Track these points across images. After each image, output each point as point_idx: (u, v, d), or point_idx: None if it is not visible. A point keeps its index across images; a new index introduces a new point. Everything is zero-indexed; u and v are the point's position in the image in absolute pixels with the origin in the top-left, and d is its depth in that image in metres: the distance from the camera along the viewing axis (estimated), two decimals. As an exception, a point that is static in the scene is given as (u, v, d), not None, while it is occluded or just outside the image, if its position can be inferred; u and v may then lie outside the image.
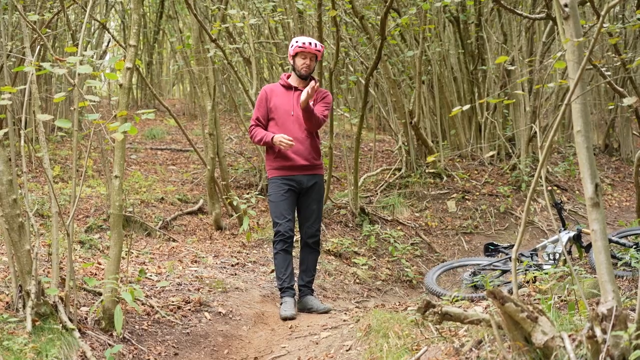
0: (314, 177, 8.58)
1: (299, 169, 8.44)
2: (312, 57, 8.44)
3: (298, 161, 8.41)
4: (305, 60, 8.40)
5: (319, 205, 8.73)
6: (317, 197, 8.66)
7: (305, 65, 8.41)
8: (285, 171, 8.44)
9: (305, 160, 8.43)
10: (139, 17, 7.70)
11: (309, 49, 8.33)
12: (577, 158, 13.60)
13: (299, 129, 8.41)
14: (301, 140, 8.41)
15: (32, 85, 7.06)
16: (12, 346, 5.81)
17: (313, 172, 8.56)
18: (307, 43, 8.35)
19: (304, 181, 8.48)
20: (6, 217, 6.28)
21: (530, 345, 4.67)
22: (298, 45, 8.36)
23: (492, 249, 9.84)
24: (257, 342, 7.93)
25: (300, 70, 8.44)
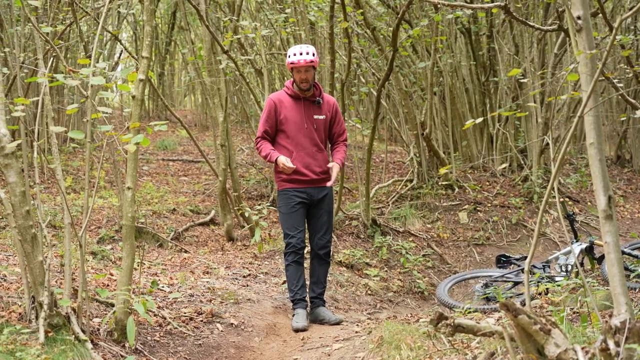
0: (324, 189, 8.46)
1: (309, 182, 8.33)
2: (307, 69, 8.20)
3: (308, 175, 8.30)
4: (300, 74, 8.21)
5: (330, 216, 8.62)
6: (328, 208, 8.56)
7: (302, 79, 8.23)
8: (296, 184, 8.32)
9: (315, 174, 8.33)
10: (151, 28, 7.71)
11: (300, 64, 8.12)
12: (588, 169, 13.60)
13: (310, 142, 8.31)
14: (312, 153, 8.32)
15: (45, 96, 7.07)
16: (25, 357, 5.82)
17: (323, 184, 8.43)
18: (297, 58, 8.13)
19: (314, 194, 8.37)
20: (19, 229, 6.29)
21: (543, 357, 4.67)
22: (289, 62, 8.22)
23: (504, 260, 9.81)
24: (269, 353, 7.93)
25: (300, 85, 8.28)
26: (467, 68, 16.46)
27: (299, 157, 8.25)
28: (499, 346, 5.22)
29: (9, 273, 8.36)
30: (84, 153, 16.81)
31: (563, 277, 8.67)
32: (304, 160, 8.25)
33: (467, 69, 16.48)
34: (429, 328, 6.32)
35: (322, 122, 8.43)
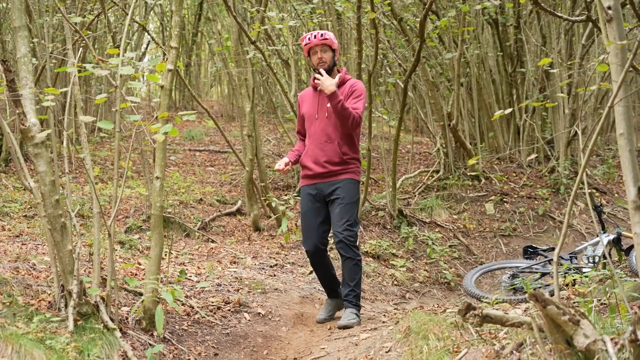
0: (335, 183, 7.91)
1: (317, 177, 7.96)
2: (322, 49, 7.89)
3: (315, 169, 7.94)
4: (316, 55, 7.90)
5: (343, 209, 7.89)
6: (341, 201, 7.89)
7: (318, 59, 7.89)
8: (307, 180, 8.09)
9: (321, 167, 7.91)
10: (180, 19, 7.73)
11: (314, 42, 7.84)
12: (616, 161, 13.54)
13: (321, 132, 7.92)
14: (321, 145, 7.93)
15: (74, 86, 7.10)
16: (54, 345, 5.86)
17: (333, 178, 7.92)
18: (311, 37, 7.89)
19: (324, 189, 7.96)
20: (49, 218, 6.33)
21: (572, 348, 4.66)
22: (304, 44, 7.98)
23: (531, 251, 9.80)
24: (296, 343, 7.94)
25: (318, 67, 7.87)
26: (494, 59, 16.40)
27: (309, 151, 8.00)
28: (527, 337, 5.21)
29: (39, 262, 8.41)
30: (112, 143, 16.87)
31: (591, 268, 8.64)
32: (313, 154, 7.96)
33: (494, 59, 16.42)
34: (457, 318, 6.32)
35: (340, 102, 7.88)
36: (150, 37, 13.93)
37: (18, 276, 7.70)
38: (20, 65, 6.43)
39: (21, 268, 8.08)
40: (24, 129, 6.25)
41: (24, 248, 9.13)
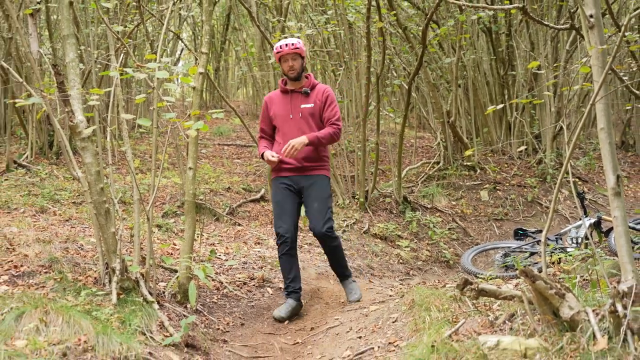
0: (311, 177, 7.62)
1: (294, 170, 7.59)
2: (293, 57, 7.56)
3: (292, 163, 7.55)
4: (287, 63, 7.56)
5: (321, 203, 7.59)
6: (317, 195, 7.59)
7: (289, 67, 7.57)
8: (282, 172, 7.62)
9: (299, 162, 7.55)
10: (210, 27, 7.72)
11: (285, 51, 7.50)
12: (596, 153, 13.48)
13: (296, 131, 7.53)
14: None
15: (116, 88, 7.11)
16: (100, 316, 5.87)
17: (309, 172, 7.62)
18: (283, 45, 7.54)
19: (300, 181, 7.60)
20: (95, 204, 6.34)
21: (558, 318, 4.64)
22: (275, 52, 7.61)
23: (521, 233, 9.80)
24: (313, 314, 7.93)
25: (288, 74, 7.62)
26: (488, 63, 16.35)
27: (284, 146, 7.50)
28: (518, 308, 5.20)
29: (85, 243, 8.43)
30: (151, 138, 16.89)
31: (574, 248, 8.62)
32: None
33: (487, 64, 16.38)
34: (456, 292, 6.30)
35: (309, 110, 7.64)
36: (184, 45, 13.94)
37: (68, 255, 7.72)
38: (69, 69, 6.43)
39: (70, 248, 8.09)
40: (72, 126, 6.25)
41: (72, 231, 9.15)
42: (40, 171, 13.29)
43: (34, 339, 5.27)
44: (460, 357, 4.68)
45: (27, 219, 9.68)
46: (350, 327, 6.95)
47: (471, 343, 4.88)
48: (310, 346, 6.98)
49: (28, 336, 5.30)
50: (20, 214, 10.08)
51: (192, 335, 6.57)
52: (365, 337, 6.53)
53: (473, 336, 5.09)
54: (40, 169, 13.47)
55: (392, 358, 5.61)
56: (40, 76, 6.86)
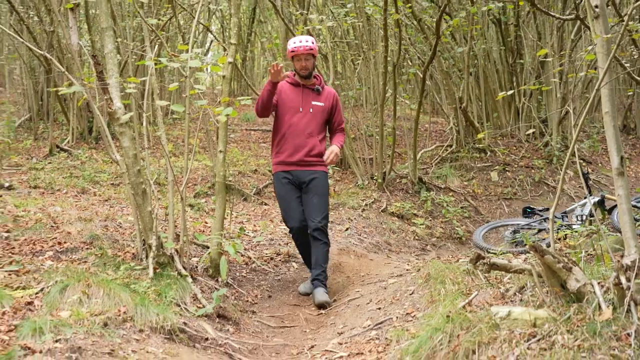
0: (313, 172, 7.37)
1: (296, 164, 7.32)
2: (306, 57, 7.32)
3: (296, 156, 7.30)
4: (300, 62, 7.33)
5: (321, 199, 7.38)
6: (318, 191, 7.37)
7: (302, 66, 7.34)
8: (284, 166, 7.34)
9: (302, 156, 7.31)
10: (237, 20, 7.73)
11: (300, 51, 7.25)
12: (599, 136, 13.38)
13: (303, 126, 7.32)
14: (303, 137, 7.33)
15: (151, 76, 7.11)
16: (137, 289, 5.90)
17: (311, 168, 7.36)
18: (297, 45, 7.26)
19: (301, 176, 7.33)
20: (132, 185, 6.36)
21: (565, 290, 4.63)
22: (290, 49, 7.33)
23: (529, 211, 9.76)
24: (336, 287, 7.95)
25: (300, 72, 7.38)
26: (498, 52, 16.25)
27: (289, 138, 7.33)
28: (528, 281, 5.18)
29: (124, 221, 8.47)
30: (183, 123, 16.92)
31: (579, 225, 8.59)
32: (294, 142, 7.33)
33: (497, 53, 16.27)
34: (469, 266, 6.29)
35: (320, 108, 7.42)
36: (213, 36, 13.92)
37: (107, 233, 7.76)
38: (107, 59, 6.45)
39: (110, 226, 8.13)
40: (111, 112, 6.27)
41: (111, 210, 9.20)
42: (80, 155, 13.36)
43: (77, 310, 5.30)
44: (473, 327, 4.68)
45: (70, 199, 9.74)
46: (370, 299, 6.96)
47: (484, 313, 4.87)
48: (333, 316, 6.99)
49: (72, 307, 5.34)
50: (63, 194, 10.14)
51: (223, 307, 6.60)
52: (384, 308, 6.53)
53: (485, 307, 5.08)
54: (80, 152, 13.54)
55: (409, 327, 5.61)
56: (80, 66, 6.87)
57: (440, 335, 4.83)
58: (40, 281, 5.78)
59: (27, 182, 10.71)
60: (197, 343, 5.68)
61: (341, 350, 5.86)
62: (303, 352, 6.13)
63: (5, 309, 5.19)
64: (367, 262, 8.78)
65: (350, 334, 6.22)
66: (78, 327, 5.04)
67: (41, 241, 7.21)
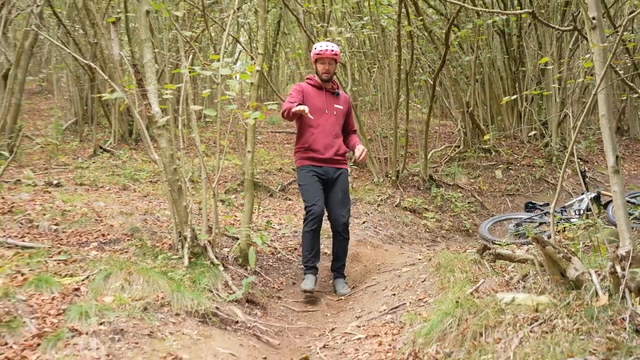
0: (339, 170, 7.25)
1: (326, 161, 7.16)
2: (330, 61, 7.21)
3: (326, 154, 7.16)
4: (324, 65, 7.21)
5: (345, 195, 7.30)
6: (343, 187, 7.27)
7: (325, 70, 7.22)
8: (314, 162, 7.16)
9: (332, 154, 7.18)
10: (264, 32, 7.72)
11: (326, 55, 7.15)
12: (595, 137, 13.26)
13: (330, 126, 7.21)
14: (331, 137, 7.22)
15: (186, 84, 7.12)
16: (174, 276, 5.92)
17: (338, 165, 7.24)
18: (324, 49, 7.16)
19: (329, 172, 7.18)
20: (169, 182, 6.38)
21: (565, 278, 4.61)
22: (316, 52, 7.21)
23: (531, 206, 9.73)
24: (354, 274, 7.94)
25: (321, 76, 7.25)
26: (502, 60, 16.17)
27: (319, 138, 7.18)
28: (530, 270, 5.16)
29: (161, 215, 8.49)
30: (215, 126, 16.95)
31: (577, 218, 8.53)
32: (323, 141, 7.18)
33: (501, 61, 16.20)
34: (476, 256, 6.27)
35: (342, 111, 7.35)
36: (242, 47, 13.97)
37: (146, 225, 7.78)
38: (146, 68, 6.47)
39: (148, 219, 8.16)
40: (149, 116, 6.29)
41: (150, 205, 9.22)
42: (121, 155, 13.41)
43: (120, 296, 5.32)
44: (480, 311, 4.66)
45: (112, 195, 9.78)
46: (386, 286, 6.95)
47: (490, 299, 4.85)
48: (351, 302, 6.98)
49: (114, 293, 5.36)
50: (105, 191, 10.18)
51: (252, 293, 6.61)
52: (398, 295, 6.52)
53: (491, 293, 5.07)
54: (121, 153, 13.59)
55: (422, 312, 5.60)
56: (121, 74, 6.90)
57: (450, 319, 4.82)
58: (86, 269, 5.80)
59: (73, 179, 10.76)
60: (228, 326, 5.70)
61: (359, 333, 5.86)
62: (324, 334, 6.13)
63: (55, 294, 5.22)
64: (383, 253, 8.76)
65: (367, 317, 6.21)
66: (120, 311, 5.06)
67: (87, 233, 7.25)
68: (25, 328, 4.70)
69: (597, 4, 4.88)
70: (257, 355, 5.38)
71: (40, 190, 9.41)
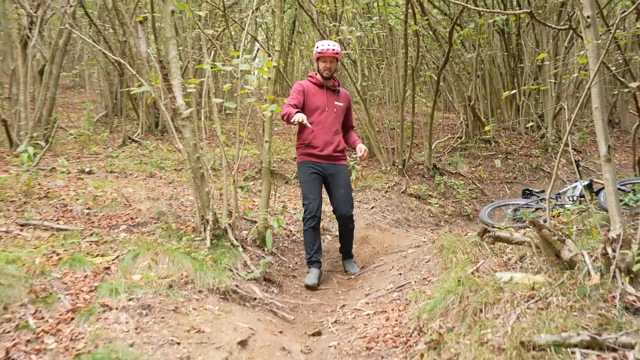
0: (337, 166, 7.05)
1: (325, 158, 6.96)
2: (331, 59, 6.98)
3: (325, 151, 6.95)
4: (325, 63, 6.98)
5: (347, 190, 7.07)
6: (344, 182, 7.06)
7: (326, 68, 7.00)
8: (313, 158, 6.96)
9: (331, 151, 6.97)
10: (281, 30, 7.71)
11: (327, 54, 6.93)
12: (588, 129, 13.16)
13: (330, 124, 6.99)
14: (330, 134, 7.01)
15: (208, 78, 7.13)
16: (197, 256, 5.94)
17: (336, 162, 7.04)
18: (325, 48, 6.94)
19: (328, 168, 6.96)
20: (192, 169, 6.40)
21: (560, 259, 4.60)
22: (318, 50, 6.98)
23: (528, 193, 9.69)
24: (363, 255, 7.94)
25: (322, 73, 7.02)
26: (501, 58, 16.08)
27: (319, 135, 6.97)
28: (527, 251, 5.15)
29: (185, 200, 8.51)
30: (235, 118, 16.96)
31: (571, 204, 8.50)
32: (323, 138, 6.97)
33: (501, 58, 16.11)
34: (476, 239, 6.26)
35: (341, 108, 7.13)
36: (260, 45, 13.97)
37: (171, 210, 7.80)
38: (171, 64, 6.47)
39: (173, 204, 8.18)
40: (174, 108, 6.30)
41: (174, 191, 9.25)
42: (148, 145, 13.44)
43: (147, 274, 5.34)
44: (481, 289, 4.66)
45: (140, 182, 9.81)
46: (393, 266, 6.95)
47: (489, 278, 4.85)
48: (361, 281, 6.99)
49: (142, 272, 5.39)
50: (134, 178, 10.21)
51: (269, 272, 6.62)
52: (404, 274, 6.52)
53: (491, 273, 5.06)
54: (148, 143, 13.62)
55: (426, 290, 5.60)
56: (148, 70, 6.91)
57: (452, 296, 4.82)
58: (116, 250, 5.83)
59: (104, 167, 10.80)
60: (246, 302, 5.71)
61: (368, 309, 5.87)
62: (336, 310, 6.14)
63: (87, 272, 5.25)
64: (390, 236, 8.76)
65: (375, 295, 6.21)
66: (147, 288, 5.08)
67: (116, 217, 7.28)
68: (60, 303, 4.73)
69: (591, 4, 4.85)
70: (274, 330, 5.40)
71: (73, 177, 9.45)
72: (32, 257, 5.34)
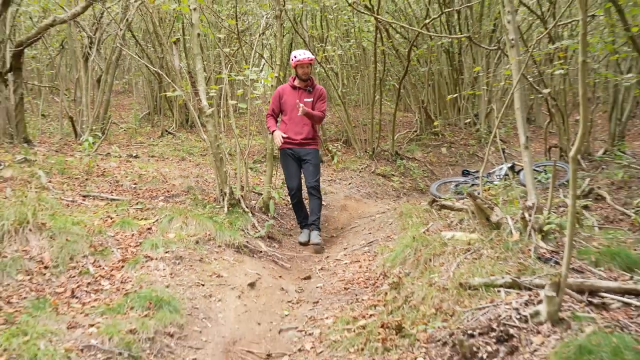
0: (308, 150, 6.73)
1: (297, 144, 6.68)
2: (307, 65, 6.64)
3: (296, 139, 6.67)
4: (303, 69, 6.65)
5: (315, 167, 6.76)
6: (313, 162, 6.75)
7: (304, 72, 6.66)
8: (288, 145, 6.69)
9: (301, 139, 6.67)
10: (281, 49, 7.67)
11: (304, 61, 6.60)
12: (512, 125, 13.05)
13: (300, 118, 6.66)
14: (300, 125, 6.68)
15: (225, 85, 7.08)
16: (217, 220, 5.92)
17: (307, 147, 6.72)
18: (302, 57, 6.62)
19: (300, 152, 6.70)
20: (214, 155, 6.36)
21: (489, 222, 4.61)
22: (296, 59, 6.63)
23: (466, 172, 9.69)
24: (342, 219, 7.94)
25: (301, 76, 6.70)
26: (447, 71, 16.02)
27: (291, 127, 6.69)
28: (465, 216, 5.16)
29: (208, 178, 8.48)
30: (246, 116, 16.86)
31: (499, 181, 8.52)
32: (294, 129, 6.68)
33: (447, 71, 16.03)
34: (427, 207, 6.27)
35: (310, 104, 6.73)
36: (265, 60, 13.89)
37: (198, 185, 7.77)
38: (198, 74, 6.42)
39: (200, 180, 8.15)
40: (200, 108, 6.25)
41: (200, 171, 9.21)
42: (181, 136, 13.37)
43: (179, 233, 5.33)
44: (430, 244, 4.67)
45: (174, 164, 9.76)
46: (364, 227, 6.96)
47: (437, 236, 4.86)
48: (340, 238, 7.00)
49: (176, 231, 5.37)
50: (169, 161, 10.16)
51: (271, 232, 6.61)
52: (373, 233, 6.53)
53: (438, 232, 5.07)
54: (180, 135, 13.55)
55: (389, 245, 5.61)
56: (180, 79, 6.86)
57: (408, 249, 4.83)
58: (155, 215, 5.81)
59: (147, 153, 10.73)
60: (254, 254, 5.71)
61: (346, 259, 5.88)
62: (321, 260, 6.16)
63: (134, 232, 5.23)
64: (362, 205, 8.77)
65: (351, 249, 6.23)
66: (180, 244, 5.07)
67: (156, 190, 7.24)
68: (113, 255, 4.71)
69: (515, 30, 4.83)
70: (275, 275, 5.41)
71: (123, 160, 9.39)
72: (92, 220, 5.32)
